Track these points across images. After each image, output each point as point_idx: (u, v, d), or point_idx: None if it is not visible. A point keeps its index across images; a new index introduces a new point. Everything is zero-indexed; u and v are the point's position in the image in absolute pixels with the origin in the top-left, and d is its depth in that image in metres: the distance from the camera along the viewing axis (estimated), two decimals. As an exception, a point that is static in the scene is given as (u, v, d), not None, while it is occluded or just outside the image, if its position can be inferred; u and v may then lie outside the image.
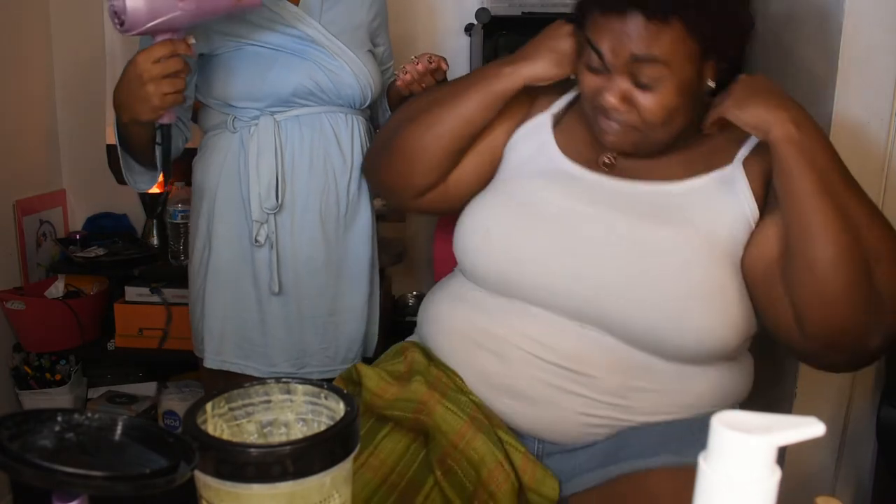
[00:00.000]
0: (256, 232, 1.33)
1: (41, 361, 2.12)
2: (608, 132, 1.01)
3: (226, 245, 1.37)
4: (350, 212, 1.40)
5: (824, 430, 0.45)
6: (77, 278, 2.14)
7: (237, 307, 1.39)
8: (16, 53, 2.12)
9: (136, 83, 1.10)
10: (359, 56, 1.36)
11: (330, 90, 1.33)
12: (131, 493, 0.50)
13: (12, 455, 0.50)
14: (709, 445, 0.47)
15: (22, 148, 2.16)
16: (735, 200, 0.99)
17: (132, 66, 1.10)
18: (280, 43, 1.31)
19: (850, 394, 1.38)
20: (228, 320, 1.39)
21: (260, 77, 1.31)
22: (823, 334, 0.91)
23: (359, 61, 1.35)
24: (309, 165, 1.35)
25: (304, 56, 1.32)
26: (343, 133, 1.37)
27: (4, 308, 2.04)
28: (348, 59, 1.34)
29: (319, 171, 1.35)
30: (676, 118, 0.98)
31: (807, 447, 0.77)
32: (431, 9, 2.11)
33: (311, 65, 1.32)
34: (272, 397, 0.69)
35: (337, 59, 1.33)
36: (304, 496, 0.59)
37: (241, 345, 1.39)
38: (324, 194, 1.36)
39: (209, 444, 0.58)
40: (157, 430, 0.58)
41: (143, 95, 1.10)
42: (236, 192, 1.35)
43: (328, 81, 1.33)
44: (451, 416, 0.97)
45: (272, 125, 1.32)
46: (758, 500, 0.46)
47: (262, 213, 1.32)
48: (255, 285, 1.37)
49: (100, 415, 0.57)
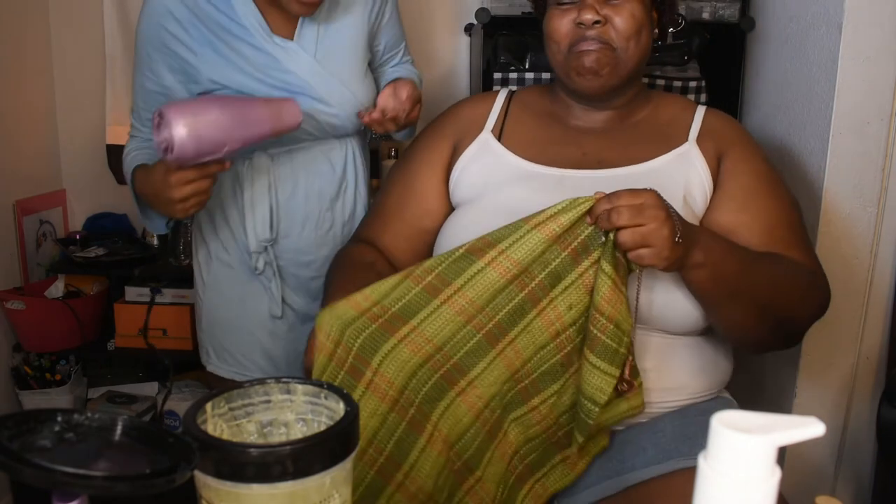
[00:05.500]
0: (255, 261, 1.33)
1: (41, 361, 2.12)
2: (586, 60, 1.05)
3: (226, 270, 1.37)
4: (348, 232, 1.38)
5: (824, 430, 0.45)
6: (77, 278, 2.14)
7: (239, 328, 1.38)
8: (16, 54, 2.12)
9: (163, 195, 1.12)
10: (353, 86, 1.31)
11: (323, 128, 1.30)
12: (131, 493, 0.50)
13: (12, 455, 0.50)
14: (709, 445, 0.47)
15: (22, 148, 2.16)
16: (695, 173, 1.07)
17: (162, 179, 1.11)
18: (273, 89, 1.25)
19: (850, 394, 1.38)
20: (230, 339, 1.39)
21: None
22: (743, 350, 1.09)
23: (353, 97, 1.30)
24: (304, 197, 1.33)
25: (303, 94, 1.26)
26: (337, 160, 1.35)
27: (4, 308, 2.04)
28: (342, 98, 1.29)
29: (314, 200, 1.34)
30: (641, 36, 1.06)
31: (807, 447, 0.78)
32: (431, 9, 2.11)
33: (308, 104, 1.27)
34: (272, 397, 0.69)
35: (330, 97, 1.28)
36: (304, 496, 0.59)
37: (242, 363, 1.40)
38: (320, 220, 1.35)
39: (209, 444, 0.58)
40: (157, 430, 0.58)
41: (169, 208, 1.14)
42: (235, 222, 1.34)
43: (321, 121, 1.29)
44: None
45: (266, 162, 1.31)
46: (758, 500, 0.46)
47: (259, 244, 1.32)
48: (257, 310, 1.37)
49: (100, 415, 0.57)
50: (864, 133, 1.27)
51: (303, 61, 1.26)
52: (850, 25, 1.23)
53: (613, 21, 1.04)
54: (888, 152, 1.28)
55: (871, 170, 1.28)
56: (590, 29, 1.04)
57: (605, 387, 0.88)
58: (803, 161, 1.36)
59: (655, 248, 0.85)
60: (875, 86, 1.25)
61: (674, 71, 1.56)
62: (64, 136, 2.30)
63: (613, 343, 0.87)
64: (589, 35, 1.05)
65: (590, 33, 1.04)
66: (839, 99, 1.25)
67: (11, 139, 2.10)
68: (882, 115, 1.26)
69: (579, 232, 0.89)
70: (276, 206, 1.32)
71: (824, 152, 1.27)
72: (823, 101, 1.29)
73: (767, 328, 0.99)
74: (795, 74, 1.40)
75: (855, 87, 1.25)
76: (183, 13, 1.22)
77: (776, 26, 1.53)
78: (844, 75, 1.25)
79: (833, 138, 1.27)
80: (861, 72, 1.24)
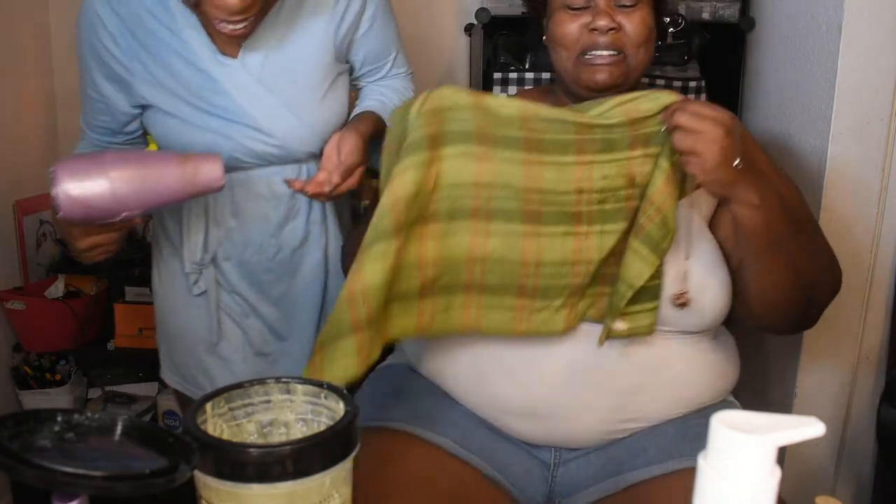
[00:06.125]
0: (191, 282, 1.26)
1: (41, 361, 2.12)
2: (599, 68, 1.02)
3: (171, 284, 1.31)
4: (299, 258, 1.28)
5: (824, 430, 0.45)
6: (77, 278, 2.14)
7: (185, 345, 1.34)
8: (15, 53, 2.12)
9: (67, 238, 1.06)
10: (303, 113, 1.17)
11: (265, 158, 1.19)
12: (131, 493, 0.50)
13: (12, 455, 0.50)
14: (709, 445, 0.47)
15: (22, 148, 2.16)
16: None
17: (66, 231, 1.03)
18: (207, 116, 1.15)
19: (850, 394, 1.38)
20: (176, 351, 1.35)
21: (192, 144, 1.17)
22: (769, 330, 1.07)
23: (300, 126, 1.17)
24: (245, 221, 1.24)
25: (240, 123, 1.16)
26: (285, 190, 1.22)
27: (4, 308, 2.04)
28: (286, 128, 1.17)
29: (256, 225, 1.24)
30: (649, 43, 1.04)
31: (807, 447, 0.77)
32: (431, 9, 2.10)
33: (245, 133, 1.16)
34: (272, 397, 0.70)
35: (273, 127, 1.16)
36: (304, 496, 0.59)
37: (187, 378, 1.36)
38: (263, 246, 1.25)
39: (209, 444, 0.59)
40: (157, 430, 0.58)
41: (76, 253, 1.07)
42: (175, 239, 1.28)
43: (260, 151, 1.18)
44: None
45: None
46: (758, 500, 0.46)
47: (192, 266, 1.25)
48: (199, 330, 1.31)
49: (100, 415, 0.57)
50: (864, 133, 1.27)
51: (243, 83, 1.14)
52: (850, 25, 1.23)
53: (625, 28, 1.02)
54: (888, 152, 1.27)
55: (871, 170, 1.28)
56: (603, 35, 1.01)
57: (644, 271, 0.92)
58: (803, 161, 1.35)
59: (701, 158, 0.86)
60: (875, 86, 1.25)
61: (674, 71, 1.56)
62: (64, 136, 2.30)
63: (658, 234, 0.91)
64: (601, 41, 1.01)
65: (602, 39, 1.01)
66: (839, 99, 1.25)
67: (11, 139, 2.10)
68: (882, 115, 1.26)
69: (650, 124, 0.92)
70: (211, 229, 1.24)
71: (824, 152, 1.27)
72: (823, 101, 1.29)
73: (799, 293, 0.98)
74: (795, 74, 1.40)
75: (855, 87, 1.25)
76: (113, 23, 1.12)
77: (776, 26, 1.53)
78: (844, 75, 1.24)
79: (833, 138, 1.27)
80: (861, 72, 1.24)
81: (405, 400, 1.05)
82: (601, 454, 1.01)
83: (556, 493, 1.02)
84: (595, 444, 1.01)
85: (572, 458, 1.02)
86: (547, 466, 1.02)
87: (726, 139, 0.86)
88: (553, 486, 1.02)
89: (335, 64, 1.20)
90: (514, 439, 1.02)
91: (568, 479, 1.01)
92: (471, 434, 1.01)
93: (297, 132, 1.18)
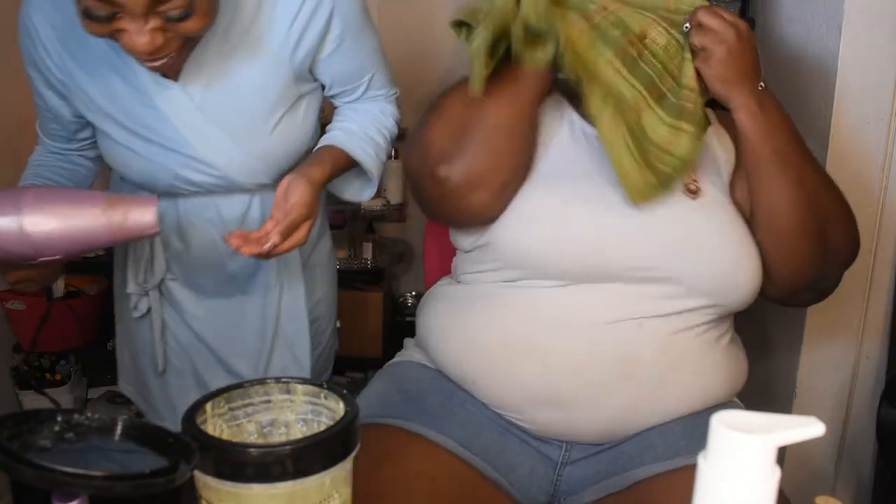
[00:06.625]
0: (134, 304, 1.21)
1: (41, 361, 2.12)
2: None
3: (124, 298, 1.26)
4: (249, 284, 1.21)
5: (824, 430, 0.45)
6: (77, 278, 2.14)
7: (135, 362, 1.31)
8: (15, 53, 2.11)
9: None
10: (249, 143, 1.08)
11: (211, 185, 1.11)
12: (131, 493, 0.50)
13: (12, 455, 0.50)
14: (708, 445, 0.47)
15: (22, 148, 2.15)
16: (723, 149, 1.08)
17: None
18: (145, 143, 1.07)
19: (850, 394, 1.38)
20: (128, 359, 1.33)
21: (128, 167, 1.11)
22: (788, 282, 1.03)
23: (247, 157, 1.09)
24: (193, 247, 1.17)
25: (179, 151, 1.07)
26: (231, 213, 1.14)
27: (4, 308, 2.04)
28: (228, 159, 1.08)
29: (205, 250, 1.17)
30: None
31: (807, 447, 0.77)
32: (432, 9, 2.11)
33: (184, 162, 1.08)
34: (272, 397, 0.70)
35: (215, 157, 1.08)
36: (304, 496, 0.59)
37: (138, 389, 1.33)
38: (215, 269, 1.19)
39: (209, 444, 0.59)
40: (157, 430, 0.58)
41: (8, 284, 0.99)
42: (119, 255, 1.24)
43: (207, 178, 1.10)
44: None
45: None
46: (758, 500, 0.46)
47: (136, 286, 1.20)
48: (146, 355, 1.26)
49: (100, 415, 0.58)
50: (864, 133, 1.27)
51: (183, 109, 1.05)
52: (850, 25, 1.23)
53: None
54: (888, 152, 1.27)
55: (871, 170, 1.28)
56: None
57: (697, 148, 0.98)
58: (803, 161, 1.36)
59: (708, 53, 0.93)
60: (875, 86, 1.25)
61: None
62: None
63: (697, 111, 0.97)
64: None
65: None
66: (839, 99, 1.25)
67: (11, 139, 2.10)
68: (882, 115, 1.26)
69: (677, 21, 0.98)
70: (158, 251, 1.18)
71: (824, 152, 1.27)
72: (823, 101, 1.29)
73: (811, 216, 0.98)
74: (795, 74, 1.40)
75: (855, 87, 1.25)
76: (47, 33, 1.04)
77: (776, 26, 1.53)
78: (844, 75, 1.24)
79: (833, 138, 1.27)
80: (861, 72, 1.24)
81: (412, 398, 1.04)
82: (609, 453, 1.00)
83: (561, 492, 1.02)
84: (607, 439, 1.00)
85: (581, 457, 1.02)
86: (553, 465, 1.02)
87: (735, 40, 0.93)
88: (558, 485, 1.02)
89: (295, 86, 1.10)
90: (522, 437, 1.02)
91: (573, 477, 1.01)
92: (476, 435, 1.01)
93: (242, 164, 1.09)
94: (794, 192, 0.97)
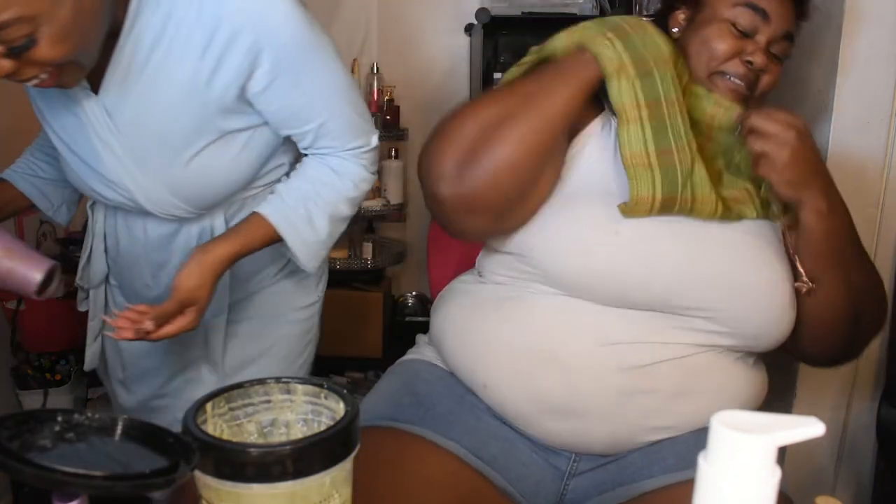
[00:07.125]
0: (80, 301, 1.18)
1: (41, 361, 2.12)
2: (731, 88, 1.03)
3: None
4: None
5: (824, 430, 0.45)
6: (77, 278, 2.14)
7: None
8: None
9: None
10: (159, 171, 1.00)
11: (127, 206, 1.05)
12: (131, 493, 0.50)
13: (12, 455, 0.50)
14: (709, 445, 0.47)
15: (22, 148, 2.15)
16: None
17: None
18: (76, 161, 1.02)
19: (850, 394, 1.38)
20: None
21: (65, 171, 1.08)
22: (808, 355, 1.09)
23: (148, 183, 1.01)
24: (127, 256, 1.14)
25: (90, 165, 1.02)
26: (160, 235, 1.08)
27: (4, 308, 2.04)
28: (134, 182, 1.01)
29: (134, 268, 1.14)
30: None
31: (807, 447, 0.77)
32: (431, 9, 2.11)
33: (97, 176, 1.03)
34: (272, 397, 0.70)
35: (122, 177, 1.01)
36: (304, 496, 0.59)
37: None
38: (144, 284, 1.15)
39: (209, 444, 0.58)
40: (157, 430, 0.58)
41: None
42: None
43: (124, 200, 1.03)
44: None
45: (102, 210, 1.14)
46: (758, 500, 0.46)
47: (80, 283, 1.18)
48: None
49: (100, 415, 0.58)
50: (864, 133, 1.27)
51: (98, 122, 0.98)
52: (850, 25, 1.23)
53: (764, 76, 1.04)
54: (888, 152, 1.28)
55: (871, 170, 1.28)
56: (750, 71, 1.02)
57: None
58: (803, 161, 1.35)
59: (771, 159, 0.91)
60: (875, 86, 1.25)
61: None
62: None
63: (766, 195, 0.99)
64: (743, 72, 1.02)
65: (746, 72, 1.02)
66: (839, 99, 1.25)
67: (11, 139, 2.10)
68: (882, 115, 1.26)
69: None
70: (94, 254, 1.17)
71: (824, 152, 1.27)
72: (823, 101, 1.29)
73: (849, 314, 0.99)
74: (795, 75, 1.40)
75: (855, 87, 1.25)
76: None
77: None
78: (844, 75, 1.25)
79: (833, 138, 1.27)
80: (861, 72, 1.24)
81: (422, 400, 1.03)
82: (617, 464, 0.99)
83: (567, 502, 1.00)
84: (617, 450, 0.99)
85: (588, 468, 1.01)
86: (561, 476, 1.01)
87: (797, 141, 0.90)
88: (564, 495, 1.01)
89: (221, 120, 0.99)
90: (531, 446, 1.01)
91: (580, 487, 1.00)
92: (485, 443, 0.99)
93: (150, 192, 1.01)
94: (840, 288, 0.97)
